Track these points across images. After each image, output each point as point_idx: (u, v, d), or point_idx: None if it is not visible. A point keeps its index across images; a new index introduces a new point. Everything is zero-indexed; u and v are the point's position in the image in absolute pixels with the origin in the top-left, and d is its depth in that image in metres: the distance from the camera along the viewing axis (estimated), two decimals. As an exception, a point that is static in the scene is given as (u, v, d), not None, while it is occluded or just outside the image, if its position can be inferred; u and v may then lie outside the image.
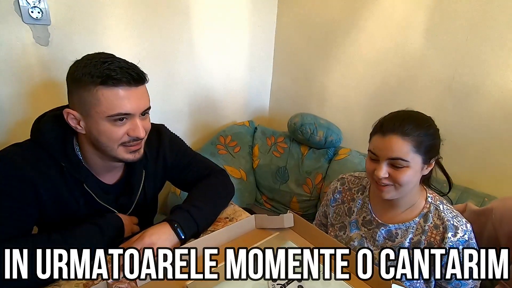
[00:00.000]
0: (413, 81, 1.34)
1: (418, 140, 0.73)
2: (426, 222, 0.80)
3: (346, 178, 0.97)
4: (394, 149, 0.73)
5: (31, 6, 0.94)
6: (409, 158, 0.73)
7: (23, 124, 1.04)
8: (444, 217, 0.78)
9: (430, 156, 0.76)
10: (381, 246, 0.85)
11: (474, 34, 1.15)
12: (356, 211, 0.90)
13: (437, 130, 0.79)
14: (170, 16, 1.31)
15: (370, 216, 0.87)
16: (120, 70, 0.63)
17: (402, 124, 0.74)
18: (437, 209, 0.80)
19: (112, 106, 0.64)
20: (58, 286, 0.60)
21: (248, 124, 1.72)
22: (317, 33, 1.63)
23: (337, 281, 0.64)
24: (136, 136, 0.69)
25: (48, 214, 0.70)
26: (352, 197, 0.93)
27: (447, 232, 0.76)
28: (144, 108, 0.70)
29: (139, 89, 0.68)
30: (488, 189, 1.19)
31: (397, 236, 0.82)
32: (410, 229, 0.81)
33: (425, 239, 0.79)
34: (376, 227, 0.85)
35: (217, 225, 0.82)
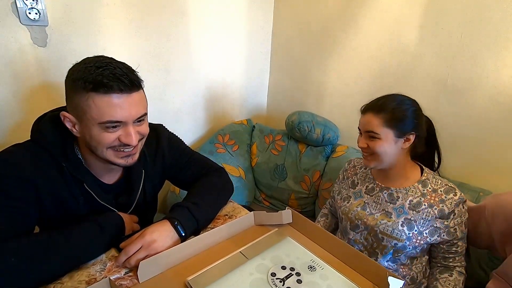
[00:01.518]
0: (409, 78, 1.36)
1: (390, 116, 0.85)
2: (425, 187, 0.91)
3: (353, 159, 1.13)
4: (368, 123, 0.88)
5: (29, 7, 0.95)
6: (379, 131, 0.86)
7: (22, 125, 1.04)
8: (442, 183, 0.91)
9: (404, 131, 0.86)
10: (383, 209, 0.94)
11: (469, 31, 1.16)
12: (360, 182, 1.03)
13: (416, 110, 0.89)
14: (167, 16, 1.31)
15: (373, 184, 0.99)
16: (113, 76, 0.62)
17: (377, 103, 0.89)
18: (434, 177, 0.93)
19: (103, 113, 0.63)
20: (61, 283, 0.61)
21: (246, 122, 1.73)
22: (313, 31, 1.64)
23: (335, 274, 0.65)
24: (127, 143, 0.68)
25: (49, 214, 0.71)
26: (355, 172, 1.07)
27: (449, 194, 0.88)
28: (137, 115, 0.68)
29: (132, 96, 0.66)
30: (483, 183, 1.21)
31: (398, 199, 0.93)
32: (410, 192, 0.92)
33: (424, 201, 0.89)
34: (379, 191, 0.96)
35: (216, 222, 0.83)
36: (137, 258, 0.64)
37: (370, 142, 0.88)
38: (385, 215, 0.92)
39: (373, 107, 0.88)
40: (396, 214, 0.90)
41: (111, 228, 0.71)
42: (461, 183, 1.22)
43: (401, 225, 0.89)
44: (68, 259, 0.63)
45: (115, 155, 0.70)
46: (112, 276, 0.62)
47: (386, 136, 0.86)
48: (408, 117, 0.86)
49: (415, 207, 0.89)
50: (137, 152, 0.74)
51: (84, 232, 0.67)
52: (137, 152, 0.74)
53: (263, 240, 0.74)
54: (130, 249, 0.65)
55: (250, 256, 0.69)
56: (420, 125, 0.89)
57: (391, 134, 0.86)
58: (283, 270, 0.65)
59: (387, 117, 0.85)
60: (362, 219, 0.95)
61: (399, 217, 0.90)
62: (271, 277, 0.63)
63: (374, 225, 0.92)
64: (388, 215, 0.92)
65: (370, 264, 0.66)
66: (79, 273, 0.63)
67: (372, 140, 0.88)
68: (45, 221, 0.72)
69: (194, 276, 0.62)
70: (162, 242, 0.67)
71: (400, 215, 0.90)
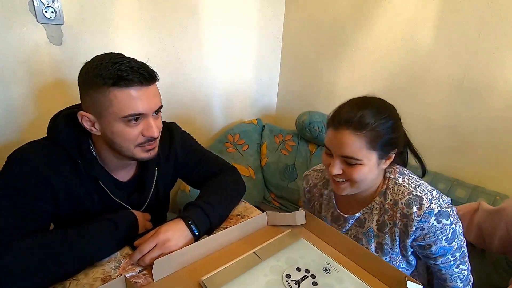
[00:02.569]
0: (423, 79, 1.34)
1: (373, 135, 0.67)
2: (386, 199, 0.75)
3: (309, 175, 0.94)
4: (346, 145, 0.68)
5: (45, 6, 0.96)
6: (361, 156, 0.67)
7: (36, 122, 1.06)
8: (405, 191, 0.72)
9: (387, 151, 0.71)
10: (354, 235, 0.83)
11: (487, 30, 1.13)
12: (324, 208, 0.88)
13: (397, 121, 0.72)
14: (179, 16, 1.32)
15: (337, 212, 0.85)
16: (131, 70, 0.63)
17: (355, 115, 0.67)
18: (396, 183, 0.75)
19: (124, 107, 0.64)
20: (76, 280, 0.61)
21: (256, 122, 1.73)
22: (324, 30, 1.63)
23: (350, 277, 0.64)
24: (151, 136, 0.69)
25: (64, 210, 0.71)
26: (320, 193, 0.91)
27: (411, 207, 0.69)
28: (156, 107, 0.70)
29: (150, 88, 0.67)
30: (500, 187, 1.18)
31: (365, 221, 0.79)
32: (374, 210, 0.77)
33: (388, 218, 0.74)
34: (344, 222, 0.84)
35: (229, 222, 0.82)
36: (152, 256, 0.64)
37: (348, 168, 0.70)
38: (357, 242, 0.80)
39: (349, 121, 0.67)
40: (367, 240, 0.80)
41: (125, 226, 0.71)
42: (476, 186, 1.20)
43: (375, 251, 0.79)
44: (84, 256, 0.63)
45: (141, 149, 0.71)
46: (127, 274, 0.62)
47: (369, 161, 0.68)
48: (391, 134, 0.69)
49: (382, 228, 0.76)
50: (157, 145, 0.75)
51: (99, 230, 0.67)
52: (157, 146, 0.75)
53: (277, 241, 0.73)
54: (145, 248, 0.65)
55: (264, 257, 0.68)
56: (400, 139, 0.73)
57: (374, 157, 0.69)
58: (298, 272, 0.64)
59: (371, 136, 0.67)
60: None
61: (370, 243, 0.79)
62: (286, 279, 0.62)
63: None
64: (360, 242, 0.80)
65: (387, 267, 0.64)
66: (94, 270, 0.64)
67: (349, 166, 0.70)
68: (60, 218, 0.73)
69: (209, 276, 0.62)
70: (176, 241, 0.67)
71: (371, 240, 0.79)
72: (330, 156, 0.73)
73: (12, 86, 0.98)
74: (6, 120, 1.00)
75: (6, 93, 0.98)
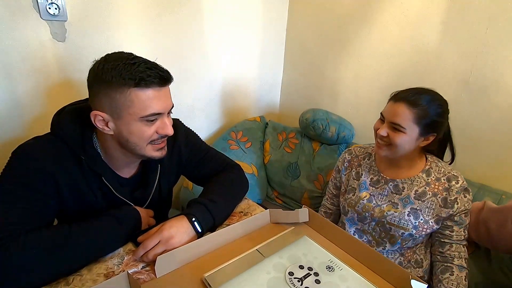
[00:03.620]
0: (428, 76, 1.32)
1: (422, 114, 0.83)
2: (429, 176, 0.92)
3: (353, 149, 1.10)
4: (398, 115, 0.84)
5: (49, 2, 0.96)
6: (406, 126, 0.83)
7: (41, 118, 1.06)
8: (445, 171, 0.91)
9: (428, 131, 0.85)
10: (389, 200, 0.95)
11: (494, 27, 1.12)
12: (364, 174, 1.01)
13: (446, 112, 0.88)
14: (182, 12, 1.31)
15: (378, 176, 0.98)
16: (150, 71, 0.65)
17: (414, 95, 0.84)
18: (437, 165, 0.93)
19: (145, 107, 0.66)
20: (80, 275, 0.61)
21: (259, 119, 1.72)
22: (328, 27, 1.61)
23: (354, 275, 0.64)
24: (166, 134, 0.71)
25: (68, 206, 0.71)
26: (358, 163, 1.05)
27: (451, 181, 0.89)
28: (170, 106, 0.72)
29: (166, 88, 0.70)
30: (506, 186, 1.17)
31: (404, 189, 0.93)
32: (415, 182, 0.92)
33: (429, 190, 0.90)
34: (385, 184, 0.96)
35: (232, 219, 0.82)
36: (155, 253, 0.64)
37: (392, 133, 0.86)
38: (391, 206, 0.93)
39: (407, 98, 0.84)
40: (402, 205, 0.92)
41: (129, 222, 0.72)
42: (482, 185, 1.18)
43: (407, 215, 0.90)
44: (88, 251, 0.64)
45: (153, 148, 0.73)
46: (130, 270, 0.63)
47: (411, 132, 0.84)
48: (436, 118, 0.84)
49: (420, 197, 0.90)
50: (166, 144, 0.77)
51: (103, 226, 0.67)
52: (166, 145, 0.77)
53: (280, 239, 0.73)
54: (148, 244, 0.65)
55: (267, 254, 0.68)
56: (442, 127, 0.88)
57: (416, 131, 0.84)
58: (301, 270, 0.64)
59: (419, 113, 0.83)
60: (369, 211, 0.96)
61: (405, 207, 0.91)
62: (289, 276, 0.62)
63: (381, 217, 0.93)
64: (395, 206, 0.93)
65: (390, 266, 0.64)
66: (98, 266, 0.64)
67: (394, 132, 0.86)
68: (63, 214, 0.73)
69: (211, 272, 0.62)
70: (180, 238, 0.67)
71: (406, 205, 0.91)
72: (382, 122, 0.90)
73: (16, 82, 0.98)
74: (10, 116, 1.00)
75: (10, 89, 0.98)
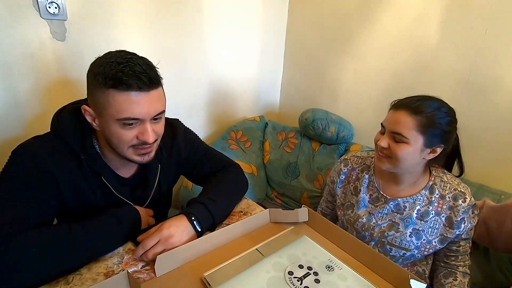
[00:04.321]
0: (428, 75, 1.32)
1: (426, 122, 0.75)
2: (432, 194, 0.84)
3: (349, 159, 0.99)
4: (399, 123, 0.76)
5: (49, 1, 0.95)
6: (409, 135, 0.75)
7: (41, 117, 1.06)
8: (451, 187, 0.83)
9: (434, 142, 0.77)
10: (389, 219, 0.88)
11: (493, 27, 1.12)
12: (363, 190, 0.93)
13: (454, 122, 0.79)
14: (183, 12, 1.31)
15: (377, 193, 0.90)
16: (132, 74, 0.62)
17: (418, 102, 0.77)
18: (442, 181, 0.84)
19: (121, 110, 0.63)
20: (79, 274, 0.61)
21: (259, 119, 1.72)
22: (328, 27, 1.61)
23: (353, 275, 0.64)
24: (145, 141, 0.68)
25: (68, 206, 0.72)
26: (357, 177, 0.95)
27: (457, 200, 0.81)
28: (155, 113, 0.67)
29: (150, 94, 0.65)
30: (505, 186, 1.17)
31: (405, 209, 0.86)
32: (418, 201, 0.85)
33: (432, 209, 0.83)
34: (385, 203, 0.88)
35: (231, 218, 0.82)
36: (155, 252, 0.64)
37: (393, 144, 0.78)
38: (392, 226, 0.87)
39: (408, 105, 0.77)
40: (404, 225, 0.85)
41: (129, 221, 0.72)
42: (481, 185, 1.19)
43: (409, 235, 0.85)
44: (88, 250, 0.64)
45: (134, 152, 0.70)
46: (130, 269, 0.63)
47: (415, 142, 0.76)
48: (442, 127, 0.76)
49: (423, 217, 0.84)
50: (153, 150, 0.74)
51: (103, 225, 0.67)
52: (153, 150, 0.74)
53: (279, 238, 0.73)
54: (148, 243, 0.65)
55: (267, 253, 0.68)
56: (451, 138, 0.80)
57: (420, 141, 0.76)
58: (300, 269, 0.64)
59: (423, 121, 0.74)
60: (369, 230, 0.89)
61: (406, 227, 0.85)
62: (288, 276, 0.62)
63: (381, 236, 0.88)
64: (395, 226, 0.86)
65: (390, 266, 0.64)
66: (97, 265, 0.64)
67: (396, 143, 0.78)
68: (63, 213, 0.73)
69: (211, 272, 0.62)
70: (179, 237, 0.67)
71: (408, 225, 0.85)
72: (382, 134, 0.82)
73: (16, 82, 0.98)
74: (10, 114, 1.00)
75: (10, 88, 0.98)
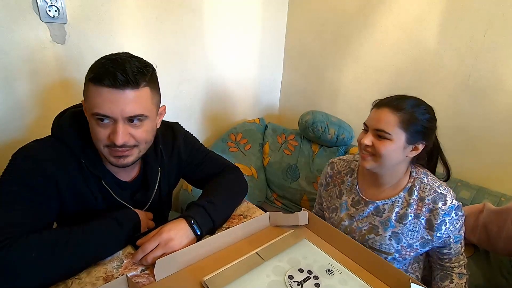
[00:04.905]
0: (428, 78, 1.32)
1: (407, 118, 0.77)
2: (411, 196, 0.84)
3: (335, 162, 1.02)
4: (381, 120, 0.78)
5: (49, 4, 0.96)
6: (392, 132, 0.77)
7: (41, 120, 1.06)
8: (431, 189, 0.82)
9: (416, 139, 0.79)
10: (369, 222, 0.89)
11: (493, 29, 1.12)
12: (345, 193, 0.95)
13: (433, 119, 0.81)
14: (182, 14, 1.31)
15: (358, 197, 0.92)
16: (109, 70, 0.61)
17: (398, 100, 0.80)
18: (422, 182, 0.84)
19: (93, 104, 0.63)
20: (79, 279, 0.61)
21: (258, 121, 1.72)
22: (328, 29, 1.62)
23: (354, 279, 0.64)
24: (112, 142, 0.65)
25: (67, 209, 0.71)
26: (341, 180, 0.98)
27: (437, 203, 0.80)
28: (129, 114, 0.64)
29: (125, 93, 0.63)
30: (505, 188, 1.17)
31: (384, 211, 0.87)
32: (396, 203, 0.85)
33: (411, 211, 0.83)
34: (365, 206, 0.90)
35: (231, 222, 0.82)
36: (154, 256, 0.64)
37: (377, 142, 0.80)
38: (372, 229, 0.88)
39: (389, 103, 0.79)
40: (383, 228, 0.86)
41: (129, 224, 0.71)
42: (481, 188, 1.18)
43: (389, 239, 0.85)
44: (88, 254, 0.63)
45: (109, 152, 0.68)
46: (129, 273, 0.62)
47: (398, 138, 0.78)
48: (423, 124, 0.78)
49: (402, 219, 0.84)
50: (131, 155, 0.70)
51: (103, 228, 0.67)
52: (132, 156, 0.70)
53: (279, 242, 0.73)
54: (147, 247, 0.65)
55: (266, 257, 0.68)
56: (431, 135, 0.82)
57: (403, 137, 0.78)
58: (300, 273, 0.64)
59: (405, 117, 0.77)
60: (351, 233, 0.91)
61: (386, 230, 0.86)
62: (288, 280, 0.62)
63: (363, 240, 0.89)
64: (375, 229, 0.87)
65: (390, 269, 0.64)
66: (97, 269, 0.64)
67: (379, 140, 0.79)
68: (64, 216, 0.73)
69: (210, 276, 0.62)
70: (179, 241, 0.67)
71: (387, 228, 0.85)
72: (366, 132, 0.83)
73: (16, 85, 0.99)
74: (10, 118, 1.00)
75: (10, 91, 0.98)
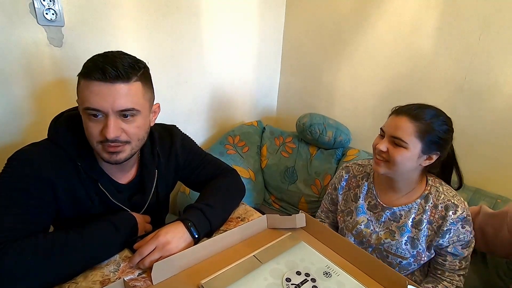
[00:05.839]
0: (424, 81, 1.33)
1: (425, 128, 0.78)
2: (427, 203, 0.86)
3: (350, 167, 1.03)
4: (399, 128, 0.79)
5: (46, 7, 0.96)
6: (408, 141, 0.78)
7: (37, 124, 1.06)
8: (445, 198, 0.84)
9: (431, 149, 0.80)
10: (386, 227, 0.91)
11: (487, 33, 1.13)
12: (362, 197, 0.96)
13: (451, 130, 0.82)
14: (179, 17, 1.32)
15: (375, 201, 0.93)
16: (98, 64, 0.62)
17: (418, 109, 0.80)
18: (437, 191, 0.86)
19: (84, 98, 0.63)
20: (75, 283, 0.61)
21: (256, 124, 1.72)
22: (326, 32, 1.63)
23: (351, 281, 0.64)
24: (104, 137, 0.64)
25: (65, 213, 0.71)
26: (357, 184, 0.99)
27: (448, 211, 0.82)
28: (120, 108, 0.64)
29: (115, 86, 0.63)
30: (501, 190, 1.17)
31: (401, 217, 0.88)
32: (413, 210, 0.87)
33: (425, 218, 0.85)
34: (382, 211, 0.91)
35: (229, 224, 0.82)
36: (151, 259, 0.64)
37: (392, 149, 0.80)
38: (388, 234, 0.89)
39: (409, 112, 0.80)
40: (400, 233, 0.87)
41: (126, 228, 0.71)
42: (478, 189, 1.19)
43: (405, 244, 0.87)
44: (85, 258, 0.63)
45: (103, 149, 0.67)
46: (126, 277, 0.62)
47: (413, 147, 0.78)
48: (440, 135, 0.79)
49: (417, 225, 0.86)
50: (123, 151, 0.69)
51: (100, 232, 0.67)
52: (124, 152, 0.69)
53: (277, 244, 0.73)
54: (144, 250, 0.65)
55: (264, 260, 0.68)
56: (447, 146, 0.83)
57: (418, 146, 0.79)
58: (298, 276, 0.64)
59: (422, 127, 0.78)
60: (366, 237, 0.92)
61: (402, 235, 0.87)
62: (286, 283, 0.62)
63: (378, 244, 0.90)
64: (392, 234, 0.89)
65: (388, 272, 0.64)
66: (93, 273, 0.63)
67: (395, 147, 0.80)
68: (60, 220, 0.72)
69: (208, 279, 0.61)
70: (176, 244, 0.67)
71: (404, 233, 0.87)
72: (382, 137, 0.85)
73: (12, 88, 0.98)
74: (6, 121, 1.00)
75: (6, 94, 0.98)
